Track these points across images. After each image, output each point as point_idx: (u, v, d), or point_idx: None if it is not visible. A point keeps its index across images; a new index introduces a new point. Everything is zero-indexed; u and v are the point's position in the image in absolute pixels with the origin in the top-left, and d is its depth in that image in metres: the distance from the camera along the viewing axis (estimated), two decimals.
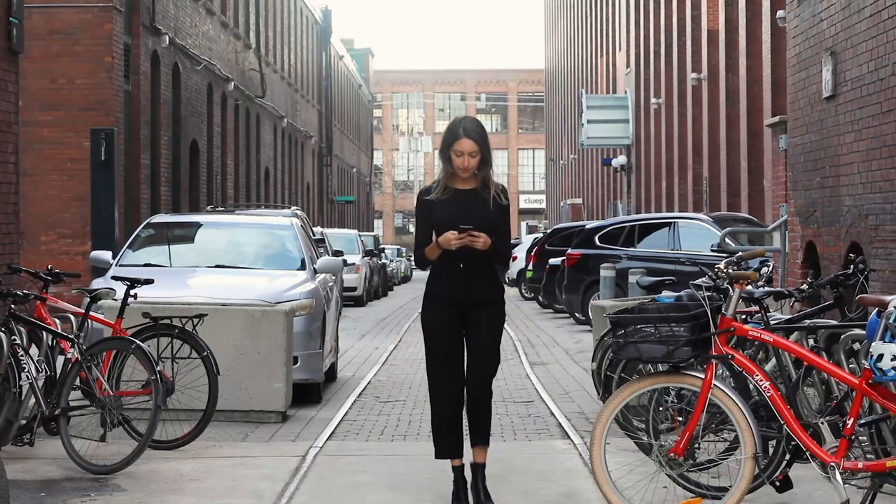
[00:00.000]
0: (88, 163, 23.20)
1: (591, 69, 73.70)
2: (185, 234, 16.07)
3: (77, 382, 10.30)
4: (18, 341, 10.10)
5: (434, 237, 8.29)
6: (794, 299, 9.55)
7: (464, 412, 8.47)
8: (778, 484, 8.50)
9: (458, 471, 8.49)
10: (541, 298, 35.10)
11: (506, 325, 9.25)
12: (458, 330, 8.34)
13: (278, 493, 9.17)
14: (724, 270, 8.12)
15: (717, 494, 8.19)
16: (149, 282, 11.57)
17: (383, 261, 50.10)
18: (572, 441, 11.45)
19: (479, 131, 8.24)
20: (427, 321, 8.40)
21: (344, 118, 78.00)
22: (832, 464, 7.58)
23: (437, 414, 8.47)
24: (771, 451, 8.37)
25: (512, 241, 57.42)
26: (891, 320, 7.40)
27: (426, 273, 8.73)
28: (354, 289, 38.23)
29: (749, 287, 8.29)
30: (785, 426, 7.80)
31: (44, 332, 10.47)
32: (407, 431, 12.48)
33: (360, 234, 45.08)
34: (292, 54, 54.08)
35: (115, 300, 11.77)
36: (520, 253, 43.26)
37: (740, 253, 8.65)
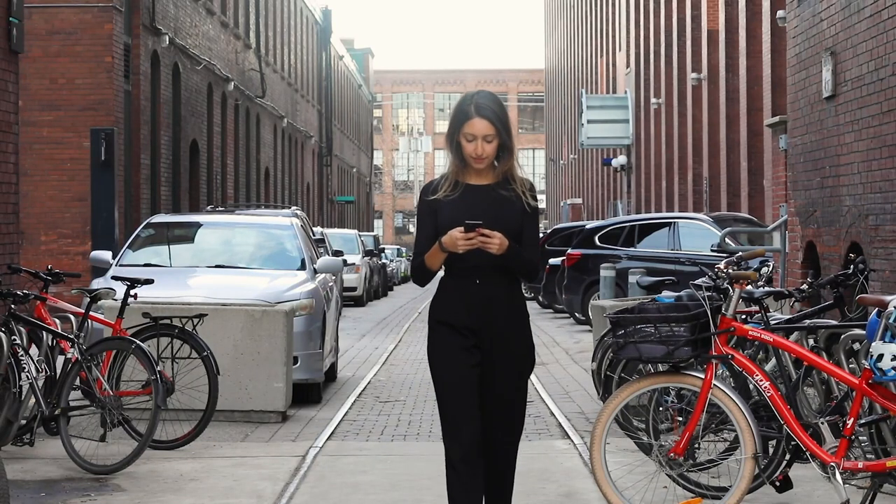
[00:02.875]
0: (88, 163, 23.21)
1: (591, 69, 73.70)
2: (185, 234, 16.07)
3: (77, 382, 10.31)
4: (18, 341, 10.11)
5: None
6: (794, 299, 9.55)
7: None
8: (778, 484, 8.50)
9: None
10: (541, 298, 35.11)
11: None
12: (473, 365, 6.39)
13: (278, 493, 9.17)
14: (724, 270, 8.12)
15: (717, 494, 8.19)
16: (149, 282, 11.58)
17: (383, 261, 50.11)
18: (572, 441, 11.45)
19: (496, 109, 6.34)
20: (433, 355, 6.45)
21: (344, 118, 78.01)
22: (832, 464, 7.58)
23: (451, 465, 6.48)
24: (771, 451, 8.38)
25: None
26: (891, 320, 7.40)
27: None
28: (354, 289, 38.24)
29: (749, 287, 8.29)
30: (785, 426, 7.80)
31: (44, 332, 10.47)
32: (407, 431, 12.48)
33: (360, 234, 45.09)
34: (292, 54, 54.08)
35: (115, 300, 11.78)
36: None
37: (740, 253, 8.65)
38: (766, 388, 7.78)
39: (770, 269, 10.21)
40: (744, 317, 9.05)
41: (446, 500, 7.75)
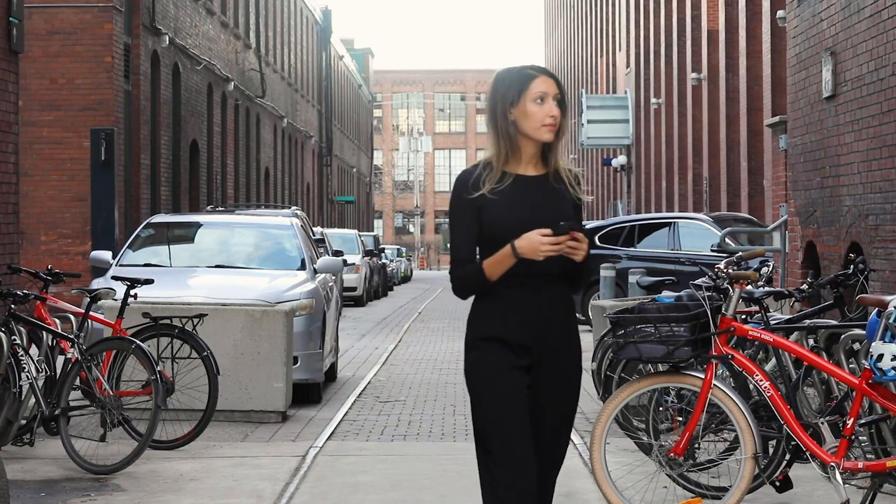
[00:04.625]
0: (88, 163, 23.21)
1: (591, 69, 73.71)
2: (185, 234, 16.07)
3: (77, 382, 10.31)
4: (18, 341, 10.11)
5: (481, 248, 5.18)
6: (794, 299, 9.56)
7: None
8: (778, 484, 8.50)
9: None
10: None
11: None
12: (525, 390, 5.18)
13: (278, 493, 9.17)
14: (724, 270, 8.13)
15: (717, 494, 8.19)
16: (149, 282, 11.58)
17: (383, 261, 50.11)
18: (572, 441, 11.45)
19: (550, 70, 5.30)
20: (481, 379, 5.17)
21: (344, 118, 78.02)
22: (832, 464, 7.58)
23: None
24: (771, 451, 8.38)
25: None
26: (891, 320, 7.40)
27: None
28: (354, 289, 38.24)
29: (749, 287, 8.30)
30: (785, 426, 7.80)
31: (44, 332, 10.47)
32: (407, 431, 12.48)
33: (360, 234, 45.08)
34: (292, 54, 54.08)
35: (115, 300, 11.78)
36: None
37: (740, 253, 8.65)
38: (766, 388, 7.79)
39: (770, 269, 10.22)
40: (744, 317, 9.06)
41: (446, 500, 7.75)
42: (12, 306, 10.34)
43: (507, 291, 5.15)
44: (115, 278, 12.26)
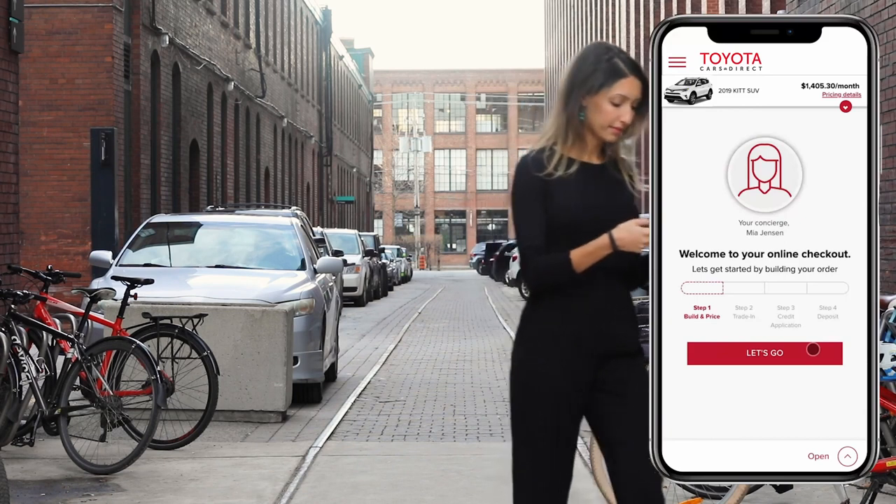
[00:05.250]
0: (88, 163, 23.22)
1: None
2: (185, 234, 16.08)
3: (77, 382, 10.32)
4: (18, 341, 10.12)
5: (554, 236, 4.76)
6: None
7: None
8: (778, 484, 8.51)
9: None
10: None
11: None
12: (581, 401, 4.82)
13: (278, 493, 9.17)
14: None
15: (717, 494, 8.19)
16: (149, 282, 11.60)
17: (383, 261, 50.12)
18: None
19: (641, 68, 4.84)
20: (531, 379, 4.76)
21: (344, 118, 78.05)
22: None
23: None
24: None
25: (512, 241, 57.04)
26: (891, 320, 7.40)
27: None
28: (354, 289, 38.26)
29: None
30: None
31: (44, 332, 10.48)
32: (407, 431, 12.49)
33: (360, 234, 45.09)
34: (292, 54, 54.11)
35: (115, 300, 11.79)
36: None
37: None
38: None
39: None
40: None
41: (446, 500, 7.74)
42: (12, 306, 10.35)
43: (583, 285, 4.75)
44: (115, 278, 12.28)
